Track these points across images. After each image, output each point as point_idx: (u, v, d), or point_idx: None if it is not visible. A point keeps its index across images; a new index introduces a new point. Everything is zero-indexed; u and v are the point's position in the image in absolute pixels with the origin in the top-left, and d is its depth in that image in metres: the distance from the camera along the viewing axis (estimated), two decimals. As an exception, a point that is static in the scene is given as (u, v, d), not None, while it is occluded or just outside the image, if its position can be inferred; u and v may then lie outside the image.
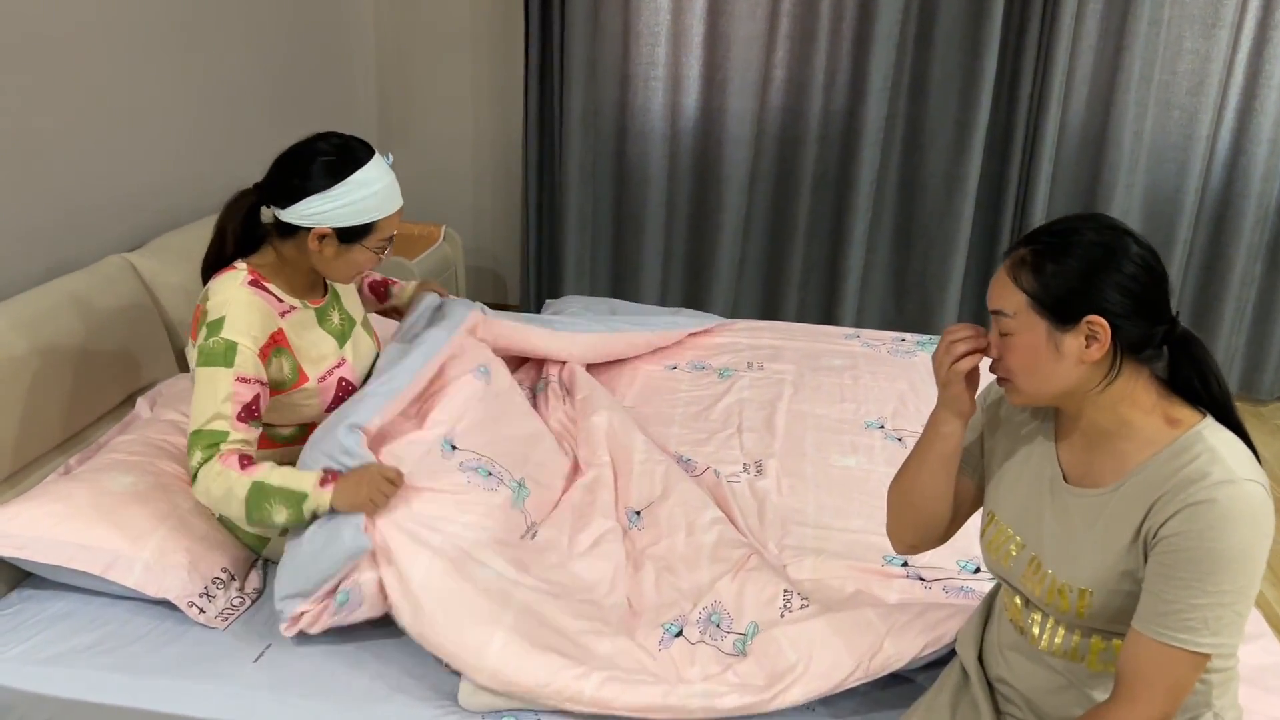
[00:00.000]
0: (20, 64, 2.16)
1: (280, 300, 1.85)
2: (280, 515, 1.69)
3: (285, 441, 1.93)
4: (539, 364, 2.61)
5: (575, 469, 2.18)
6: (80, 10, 2.33)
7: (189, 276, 2.41)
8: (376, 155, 1.83)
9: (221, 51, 2.93)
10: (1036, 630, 1.38)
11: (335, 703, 1.60)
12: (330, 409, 1.92)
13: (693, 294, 4.16)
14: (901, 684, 1.64)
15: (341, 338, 1.97)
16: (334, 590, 1.66)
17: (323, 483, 1.69)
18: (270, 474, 1.70)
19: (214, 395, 1.71)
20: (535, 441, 2.14)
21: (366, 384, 1.94)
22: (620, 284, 4.17)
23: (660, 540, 1.94)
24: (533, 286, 4.21)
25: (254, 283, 1.81)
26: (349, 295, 2.08)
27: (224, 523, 1.92)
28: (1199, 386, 1.27)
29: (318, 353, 1.90)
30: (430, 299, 2.28)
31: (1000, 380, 1.34)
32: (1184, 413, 1.27)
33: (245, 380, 1.73)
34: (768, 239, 4.06)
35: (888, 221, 3.98)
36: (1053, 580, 1.32)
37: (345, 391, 1.95)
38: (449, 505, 1.81)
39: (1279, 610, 2.67)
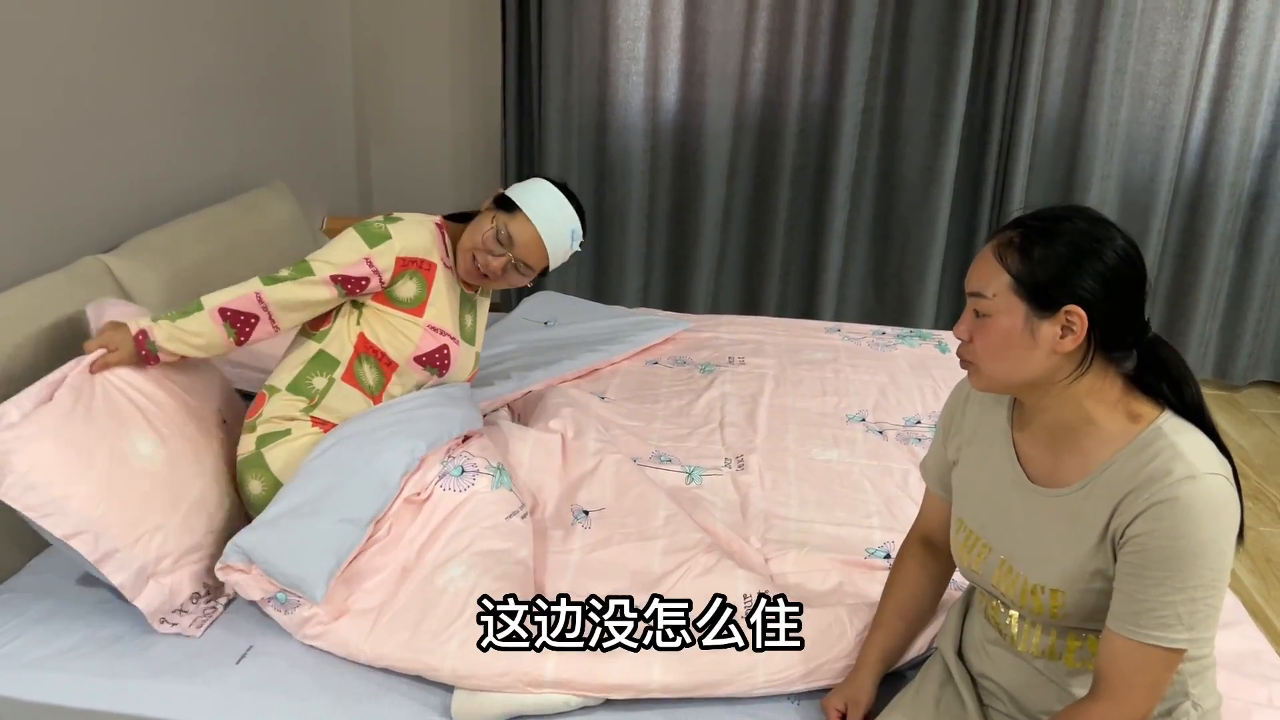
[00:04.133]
0: (-9, 63, 2.14)
1: (449, 254, 2.04)
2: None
3: (367, 390, 1.99)
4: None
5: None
6: (55, 8, 2.31)
7: (166, 277, 2.39)
8: (574, 211, 2.07)
9: (198, 49, 2.91)
10: (1015, 630, 1.39)
11: (320, 702, 1.59)
12: (419, 360, 1.99)
13: (674, 288, 4.16)
14: (887, 675, 1.64)
15: (462, 333, 2.08)
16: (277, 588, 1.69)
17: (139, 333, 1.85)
18: (200, 318, 1.85)
19: (341, 253, 1.90)
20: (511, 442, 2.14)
21: (437, 399, 2.00)
22: (601, 279, 4.17)
23: (610, 547, 1.90)
24: (513, 282, 4.20)
25: (440, 226, 2.04)
26: (482, 324, 2.19)
27: (242, 495, 1.96)
28: (1168, 391, 1.26)
29: (447, 312, 2.03)
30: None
31: (964, 364, 1.33)
32: (1145, 407, 1.26)
33: (370, 264, 1.90)
34: (748, 232, 4.07)
35: (866, 213, 3.99)
36: (1025, 581, 1.33)
37: (439, 359, 2.02)
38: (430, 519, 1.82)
39: (1258, 598, 2.70)
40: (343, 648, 1.65)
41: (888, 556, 1.92)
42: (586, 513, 2.00)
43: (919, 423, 2.49)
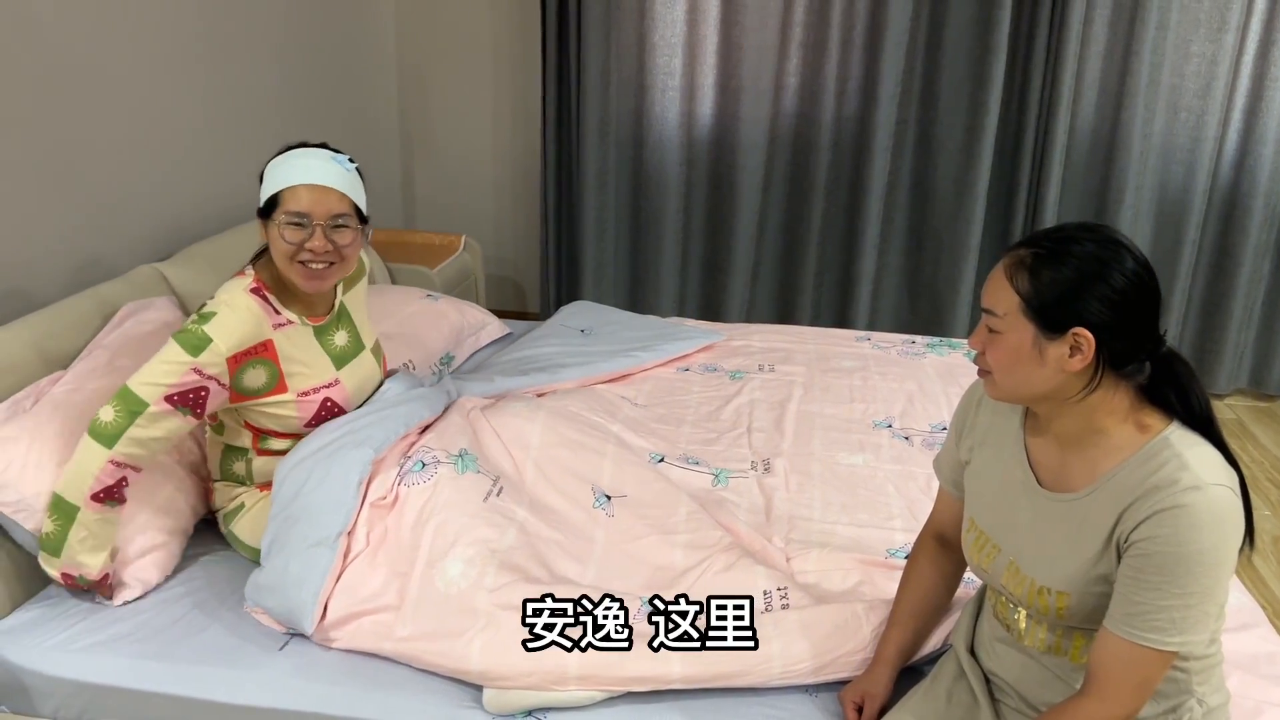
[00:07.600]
0: (56, 79, 2.26)
1: (278, 313, 1.89)
2: (46, 524, 1.77)
3: (281, 454, 1.96)
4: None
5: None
6: (114, 28, 2.42)
7: (215, 283, 2.48)
8: (315, 149, 1.87)
9: (248, 67, 3.02)
10: (1022, 626, 1.42)
11: (358, 688, 1.66)
12: (310, 424, 1.95)
13: (709, 298, 4.21)
14: (905, 669, 1.68)
15: (341, 360, 1.99)
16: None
17: (65, 578, 1.80)
18: (84, 518, 1.75)
19: (163, 369, 1.75)
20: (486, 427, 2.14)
21: (373, 406, 2.01)
22: (638, 290, 4.23)
23: (631, 542, 1.93)
24: (551, 294, 4.28)
25: (256, 291, 1.86)
26: (362, 316, 2.11)
27: (228, 537, 2.01)
28: (1178, 404, 1.29)
29: (308, 369, 1.93)
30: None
31: (981, 372, 1.37)
32: (1153, 418, 1.29)
33: (199, 372, 1.76)
34: (782, 243, 4.11)
35: (900, 225, 4.02)
36: (1031, 583, 1.36)
37: (329, 412, 1.96)
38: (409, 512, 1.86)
39: (1288, 605, 2.70)
40: (371, 651, 1.73)
41: (908, 557, 1.95)
42: (609, 498, 2.02)
43: (945, 429, 2.52)
